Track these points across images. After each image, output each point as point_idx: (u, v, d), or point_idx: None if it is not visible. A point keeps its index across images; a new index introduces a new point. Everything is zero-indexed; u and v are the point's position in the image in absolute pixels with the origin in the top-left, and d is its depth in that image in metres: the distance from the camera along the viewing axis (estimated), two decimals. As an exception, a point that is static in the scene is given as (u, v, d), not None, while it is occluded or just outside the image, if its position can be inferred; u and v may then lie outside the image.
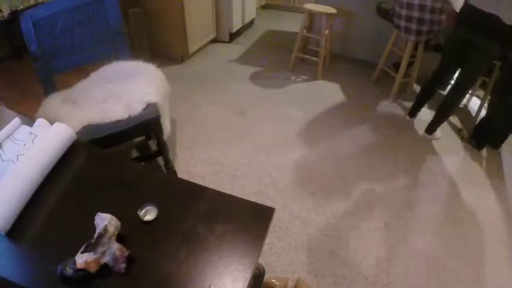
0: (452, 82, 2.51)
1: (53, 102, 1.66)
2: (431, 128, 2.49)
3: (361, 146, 2.40)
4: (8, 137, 1.08)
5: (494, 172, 2.27)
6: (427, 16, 2.45)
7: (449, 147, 2.47)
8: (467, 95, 2.93)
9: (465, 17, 2.11)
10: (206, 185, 0.98)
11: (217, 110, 2.69)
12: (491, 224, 1.89)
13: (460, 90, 2.34)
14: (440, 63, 2.43)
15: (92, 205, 0.89)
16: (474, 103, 2.97)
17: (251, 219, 0.89)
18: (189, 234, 0.84)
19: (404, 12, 2.54)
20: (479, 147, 2.43)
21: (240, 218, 0.89)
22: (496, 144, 2.45)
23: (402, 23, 2.59)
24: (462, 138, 2.54)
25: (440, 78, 2.48)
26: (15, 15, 2.66)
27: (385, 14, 2.81)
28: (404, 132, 2.58)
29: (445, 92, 2.87)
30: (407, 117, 2.71)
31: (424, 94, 2.60)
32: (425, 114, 2.74)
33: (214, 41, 3.82)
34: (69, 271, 0.70)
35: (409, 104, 2.92)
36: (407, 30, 2.59)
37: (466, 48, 2.14)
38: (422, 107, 2.66)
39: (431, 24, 2.49)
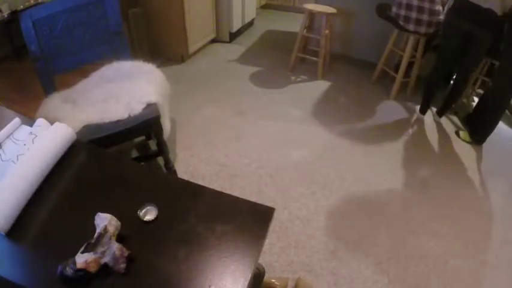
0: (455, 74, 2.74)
1: (53, 102, 1.66)
2: (441, 112, 2.73)
3: (361, 145, 2.40)
4: (8, 137, 1.08)
5: (492, 170, 2.27)
6: (427, 5, 2.50)
7: (448, 146, 2.47)
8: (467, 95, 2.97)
9: (464, 11, 2.24)
10: (206, 185, 0.98)
11: (217, 110, 2.69)
12: (491, 223, 1.89)
13: (464, 79, 2.55)
14: (442, 59, 2.52)
15: (92, 205, 0.89)
16: (474, 103, 2.97)
17: (251, 219, 0.89)
18: (189, 234, 0.84)
19: (405, 0, 2.57)
20: (479, 142, 2.45)
21: (240, 218, 0.89)
22: (482, 136, 2.47)
23: (402, 12, 2.62)
24: (459, 137, 2.55)
25: (445, 73, 2.62)
26: (15, 15, 2.66)
27: (384, 13, 2.81)
28: (404, 132, 2.58)
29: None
30: (419, 114, 2.78)
31: (431, 90, 2.68)
32: (428, 115, 2.77)
33: (214, 41, 3.82)
34: (69, 271, 0.70)
35: (409, 104, 2.93)
36: (407, 19, 2.61)
37: (467, 40, 2.30)
38: (431, 102, 2.74)
39: (430, 13, 2.52)
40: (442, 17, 2.56)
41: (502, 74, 2.28)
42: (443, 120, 2.75)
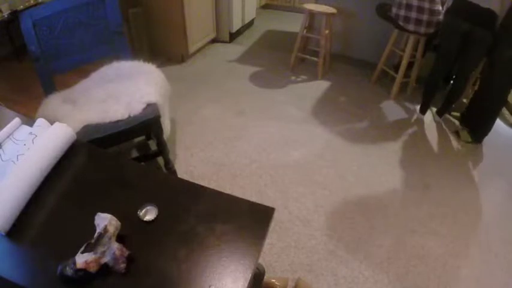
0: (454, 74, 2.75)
1: (53, 102, 1.66)
2: (441, 112, 2.73)
3: (361, 145, 2.40)
4: (8, 137, 1.08)
5: (492, 169, 2.27)
6: (427, 5, 2.50)
7: (448, 146, 2.47)
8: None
9: (463, 11, 2.25)
10: (206, 185, 0.98)
11: (217, 110, 2.69)
12: (491, 222, 1.89)
13: (464, 79, 2.54)
14: (442, 59, 2.53)
15: (92, 205, 0.89)
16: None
17: (251, 219, 0.89)
18: (189, 234, 0.84)
19: (404, 0, 2.58)
20: (478, 140, 2.46)
21: (240, 218, 0.89)
22: (481, 134, 2.48)
23: (402, 12, 2.62)
24: (459, 138, 2.55)
25: (445, 73, 2.63)
26: (15, 15, 2.67)
27: (384, 13, 2.81)
28: (404, 132, 2.58)
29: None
30: (419, 114, 2.78)
31: (430, 90, 2.68)
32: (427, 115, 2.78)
33: (214, 41, 3.82)
34: (69, 271, 0.70)
35: (409, 104, 2.93)
36: (407, 20, 2.61)
37: (467, 40, 2.30)
38: (431, 102, 2.74)
39: (430, 13, 2.53)
40: (442, 16, 2.57)
41: (498, 72, 2.27)
42: (444, 120, 2.75)
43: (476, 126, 2.50)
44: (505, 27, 2.14)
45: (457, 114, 2.77)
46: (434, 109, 2.80)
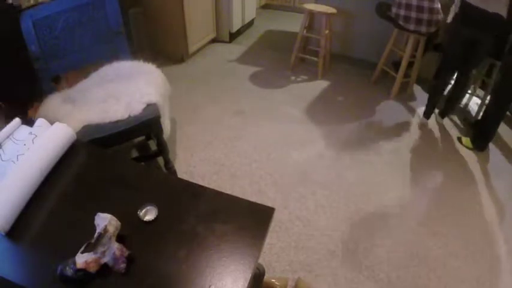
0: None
1: (53, 102, 1.66)
2: (444, 113, 2.73)
3: (362, 145, 2.40)
4: (8, 137, 1.08)
5: (493, 170, 2.27)
6: (426, 4, 2.51)
7: (447, 148, 2.47)
8: (467, 96, 2.96)
9: (471, 18, 2.22)
10: (206, 185, 0.98)
11: (217, 109, 2.69)
12: (490, 223, 1.89)
13: (466, 79, 2.55)
14: (447, 64, 2.50)
15: (92, 205, 0.89)
16: (474, 103, 2.97)
17: (251, 219, 0.89)
18: (189, 234, 0.84)
19: (404, 0, 2.58)
20: (481, 148, 2.43)
21: (240, 218, 0.89)
22: (484, 144, 2.46)
23: (402, 12, 2.62)
24: (462, 144, 2.52)
25: (450, 77, 2.63)
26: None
27: (384, 12, 2.81)
28: (404, 132, 2.58)
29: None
30: (424, 119, 2.71)
31: (436, 95, 2.64)
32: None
33: (214, 41, 3.82)
34: (69, 271, 0.71)
35: (409, 104, 2.93)
36: (407, 19, 2.61)
37: (473, 45, 2.29)
38: (435, 106, 2.70)
39: (430, 12, 2.53)
40: (441, 15, 2.56)
41: (504, 86, 2.26)
42: (445, 121, 2.74)
43: (479, 135, 2.45)
44: None
45: (466, 120, 2.74)
46: (437, 110, 2.79)
